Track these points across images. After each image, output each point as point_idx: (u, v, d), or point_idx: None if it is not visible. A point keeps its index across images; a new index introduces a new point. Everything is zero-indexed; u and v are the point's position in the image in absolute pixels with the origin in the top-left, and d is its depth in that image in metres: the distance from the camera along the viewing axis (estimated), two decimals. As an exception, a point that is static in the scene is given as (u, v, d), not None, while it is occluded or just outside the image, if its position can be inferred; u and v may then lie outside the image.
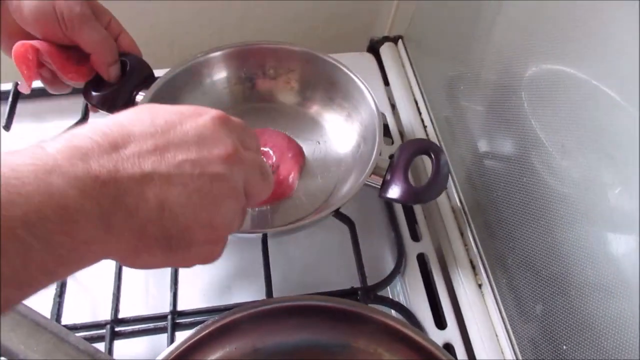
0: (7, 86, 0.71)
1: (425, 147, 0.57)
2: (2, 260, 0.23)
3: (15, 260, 0.24)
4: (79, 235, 0.27)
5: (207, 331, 0.46)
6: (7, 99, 0.69)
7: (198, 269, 0.58)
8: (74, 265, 0.28)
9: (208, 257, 0.36)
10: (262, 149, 0.61)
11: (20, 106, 0.70)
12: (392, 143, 0.73)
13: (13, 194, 0.24)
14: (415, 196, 0.54)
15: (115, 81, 0.60)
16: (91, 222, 0.27)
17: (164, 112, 0.34)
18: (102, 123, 0.31)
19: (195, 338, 0.46)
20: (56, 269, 0.27)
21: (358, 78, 0.63)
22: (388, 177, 0.56)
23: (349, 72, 0.64)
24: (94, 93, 0.61)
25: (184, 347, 0.45)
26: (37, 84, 0.73)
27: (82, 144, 0.29)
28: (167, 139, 0.32)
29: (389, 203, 0.65)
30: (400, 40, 0.85)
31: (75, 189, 0.26)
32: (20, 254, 0.24)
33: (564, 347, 0.47)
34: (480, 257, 0.60)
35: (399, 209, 0.65)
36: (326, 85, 0.68)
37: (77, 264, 0.28)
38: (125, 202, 0.29)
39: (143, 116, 0.33)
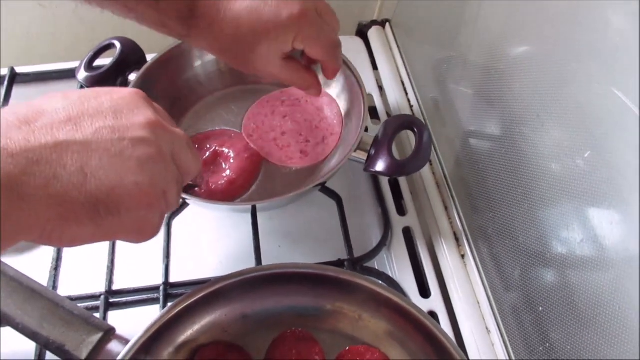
0: (3, 71, 0.73)
1: (408, 122, 0.58)
2: None
3: None
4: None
5: (196, 297, 0.48)
6: (2, 83, 0.71)
7: (191, 241, 0.60)
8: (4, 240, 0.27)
9: (143, 228, 0.35)
10: (220, 149, 0.62)
11: (16, 90, 0.72)
12: (380, 123, 0.75)
13: None
14: (399, 168, 0.56)
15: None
16: (11, 199, 0.26)
17: (78, 92, 0.33)
18: (12, 107, 0.31)
19: (185, 304, 0.47)
20: None
21: (345, 58, 0.65)
22: (373, 151, 0.57)
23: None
24: (86, 74, 0.63)
25: (173, 312, 0.47)
26: (34, 68, 0.76)
27: None
28: (80, 110, 0.31)
29: (375, 179, 0.67)
30: (388, 24, 0.86)
31: None
32: None
33: (540, 308, 0.49)
34: (464, 230, 0.62)
35: (385, 185, 0.67)
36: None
37: (6, 237, 0.27)
38: (40, 170, 0.28)
39: (56, 96, 0.32)
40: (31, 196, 0.27)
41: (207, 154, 0.61)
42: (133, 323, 0.53)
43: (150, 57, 0.65)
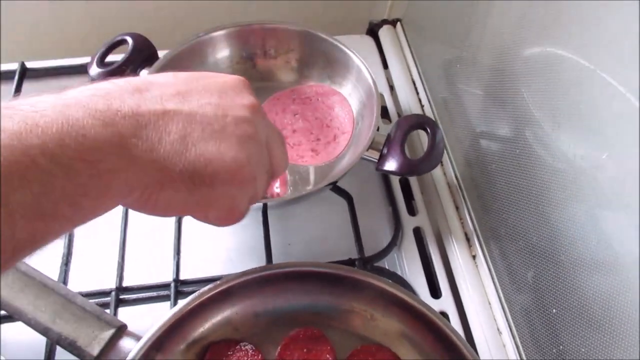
0: (14, 66, 0.73)
1: (421, 121, 0.58)
2: (25, 188, 0.23)
3: (36, 187, 0.24)
4: (100, 163, 0.27)
5: (208, 295, 0.48)
6: (13, 78, 0.71)
7: (201, 238, 0.60)
8: (97, 198, 0.28)
9: (232, 208, 0.35)
10: None
11: (26, 85, 0.72)
12: (390, 123, 0.74)
13: (31, 124, 0.24)
14: (411, 168, 0.56)
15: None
16: (112, 151, 0.27)
17: (187, 72, 0.35)
18: (126, 77, 0.32)
19: (196, 302, 0.47)
20: (80, 200, 0.26)
21: (356, 56, 0.65)
22: (385, 150, 0.57)
23: (347, 51, 0.65)
24: (98, 69, 0.63)
25: (186, 310, 0.47)
26: (44, 63, 0.76)
27: (104, 87, 0.29)
28: (189, 87, 0.32)
29: (386, 179, 0.67)
30: (398, 23, 0.86)
31: (95, 119, 0.27)
32: (42, 181, 0.24)
33: (554, 310, 0.48)
34: (475, 230, 0.62)
35: (396, 185, 0.67)
36: (325, 64, 0.69)
37: (101, 196, 0.28)
38: (147, 134, 0.29)
39: (166, 73, 0.34)
40: (138, 158, 0.28)
41: None
42: (143, 320, 0.54)
43: (162, 54, 0.65)
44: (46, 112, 0.25)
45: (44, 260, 0.56)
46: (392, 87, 0.80)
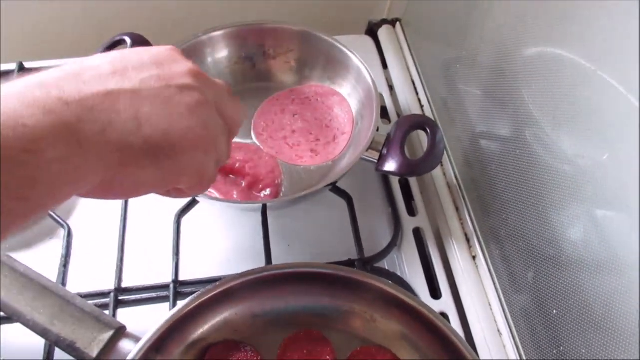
0: (12, 66, 0.72)
1: (421, 122, 0.58)
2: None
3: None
4: (45, 153, 0.26)
5: (207, 297, 0.47)
6: (11, 78, 0.70)
7: (199, 240, 0.60)
8: (48, 190, 0.27)
9: (200, 174, 0.35)
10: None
11: (25, 85, 0.71)
12: (390, 123, 0.74)
13: None
14: (411, 168, 0.56)
15: None
16: (58, 139, 0.26)
17: (116, 51, 0.34)
18: (60, 66, 0.31)
19: (196, 304, 0.47)
20: (28, 194, 0.26)
21: (356, 56, 0.65)
22: (385, 151, 0.57)
23: (347, 51, 0.65)
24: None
25: (185, 311, 0.46)
26: (42, 63, 0.75)
27: (39, 77, 0.28)
28: (124, 64, 0.32)
29: (386, 180, 0.67)
30: (398, 23, 0.86)
31: (34, 108, 0.26)
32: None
33: (554, 311, 0.48)
34: (475, 231, 0.62)
35: (395, 185, 0.67)
36: (324, 64, 0.69)
37: (51, 187, 0.27)
38: (95, 117, 0.28)
39: (95, 55, 0.33)
40: (89, 142, 0.28)
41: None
42: (142, 321, 0.53)
43: (160, 54, 0.65)
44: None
45: (43, 262, 0.56)
46: (391, 87, 0.79)
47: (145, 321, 0.48)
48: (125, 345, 0.45)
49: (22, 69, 0.72)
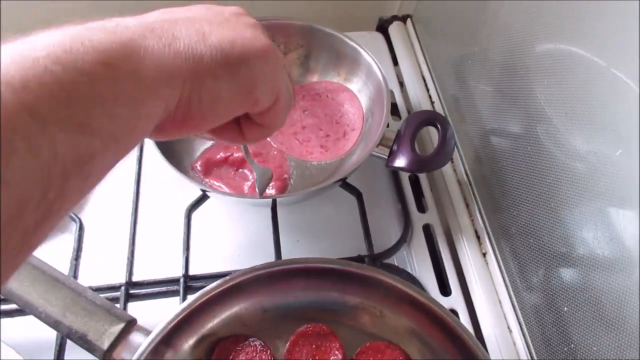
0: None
1: (431, 118, 0.58)
2: (50, 97, 0.22)
3: (62, 94, 0.22)
4: (119, 65, 0.25)
5: (216, 291, 0.48)
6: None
7: (209, 235, 0.60)
8: (133, 105, 0.26)
9: (275, 87, 0.34)
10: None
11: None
12: (400, 120, 0.74)
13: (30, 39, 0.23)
14: (421, 164, 0.55)
15: None
16: (128, 52, 0.26)
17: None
18: None
19: (205, 298, 0.47)
20: (115, 109, 0.25)
21: (366, 52, 0.64)
22: (395, 147, 0.57)
23: (357, 47, 0.65)
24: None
25: (195, 305, 0.47)
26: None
27: (95, 23, 0.27)
28: (184, 6, 0.32)
29: (396, 176, 0.67)
30: (409, 20, 0.85)
31: (100, 31, 0.25)
32: (65, 88, 0.23)
33: (565, 308, 0.48)
34: (485, 228, 0.61)
35: (405, 182, 0.67)
36: (335, 60, 0.69)
37: (135, 102, 0.26)
38: (158, 34, 0.28)
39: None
40: (158, 55, 0.27)
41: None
42: (152, 315, 0.54)
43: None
44: (39, 33, 0.24)
45: (55, 255, 0.56)
46: (402, 84, 0.79)
47: (155, 315, 0.49)
48: (135, 338, 0.46)
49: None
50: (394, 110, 0.75)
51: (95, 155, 0.24)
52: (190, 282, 0.56)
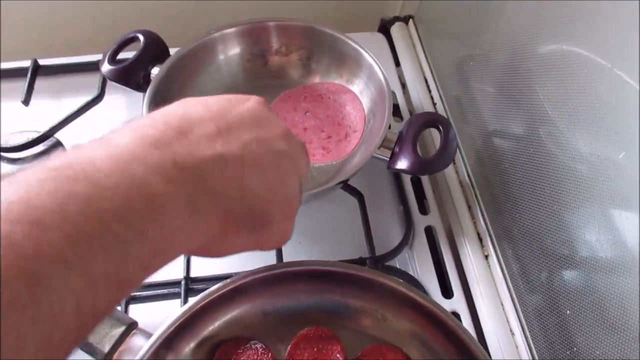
0: (26, 63, 0.73)
1: (433, 119, 0.58)
2: (103, 256, 0.23)
3: (115, 255, 0.23)
4: (168, 223, 0.26)
5: (218, 294, 0.47)
6: (25, 75, 0.71)
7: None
8: (165, 257, 0.27)
9: (284, 236, 0.36)
10: None
11: (39, 82, 0.72)
12: (402, 121, 0.74)
13: (99, 187, 0.23)
14: (423, 166, 0.55)
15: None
16: (178, 209, 0.26)
17: (212, 100, 0.33)
18: (157, 115, 0.30)
19: (207, 300, 0.47)
20: (151, 263, 0.26)
21: (368, 53, 0.64)
22: (397, 149, 0.57)
23: (359, 48, 0.65)
24: (110, 67, 0.63)
25: (196, 308, 0.47)
26: (56, 61, 0.76)
27: (149, 134, 0.28)
28: (226, 121, 0.31)
29: (398, 178, 0.66)
30: (411, 20, 0.85)
31: (157, 175, 0.26)
32: (119, 249, 0.23)
33: (568, 311, 0.48)
34: (487, 230, 0.61)
35: (407, 183, 0.66)
36: (337, 61, 0.69)
37: (168, 255, 0.27)
38: (208, 185, 0.28)
39: (194, 105, 0.32)
40: (201, 213, 0.28)
41: None
42: (153, 317, 0.54)
43: (173, 51, 0.65)
44: (110, 172, 0.24)
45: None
46: (404, 85, 0.79)
47: (156, 317, 0.49)
48: (136, 341, 0.46)
49: (36, 66, 0.73)
50: (396, 111, 0.75)
51: (120, 301, 0.26)
52: (191, 285, 0.56)
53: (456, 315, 0.56)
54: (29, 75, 0.71)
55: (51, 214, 0.21)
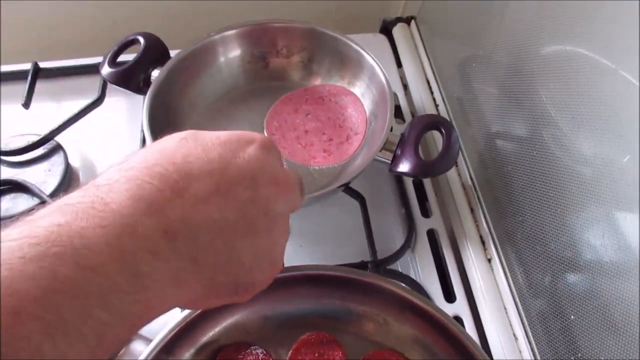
0: (27, 66, 0.73)
1: (435, 122, 0.57)
2: (81, 343, 0.22)
3: (92, 340, 0.23)
4: (152, 298, 0.25)
5: (219, 298, 0.47)
6: (26, 78, 0.71)
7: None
8: (143, 322, 0.27)
9: (263, 288, 0.36)
10: None
11: (39, 85, 0.72)
12: (404, 123, 0.74)
13: (86, 269, 0.23)
14: (425, 169, 0.55)
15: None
16: (164, 284, 0.26)
17: (212, 143, 0.32)
18: (156, 157, 0.29)
19: (207, 305, 0.47)
20: (129, 336, 0.26)
21: (369, 55, 0.64)
22: (398, 152, 0.56)
23: (360, 50, 0.65)
24: (110, 70, 0.62)
25: (196, 313, 0.46)
26: (57, 63, 0.76)
27: (144, 194, 0.27)
28: (226, 178, 0.30)
29: (399, 180, 0.66)
30: (413, 21, 0.85)
31: (146, 252, 0.25)
32: (97, 333, 0.23)
33: (572, 316, 0.47)
34: (490, 233, 0.61)
35: (409, 186, 0.66)
36: (338, 63, 0.68)
37: (146, 320, 0.27)
38: (196, 255, 0.28)
39: (194, 147, 0.31)
40: (189, 283, 0.28)
41: None
42: (153, 323, 0.53)
43: (173, 53, 0.65)
44: (99, 249, 0.24)
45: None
46: (405, 86, 0.79)
47: (156, 323, 0.49)
48: (136, 346, 0.45)
49: (37, 69, 0.73)
50: (398, 113, 0.74)
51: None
52: (191, 289, 0.55)
53: (459, 319, 0.56)
54: (29, 78, 0.71)
55: (32, 304, 0.21)
